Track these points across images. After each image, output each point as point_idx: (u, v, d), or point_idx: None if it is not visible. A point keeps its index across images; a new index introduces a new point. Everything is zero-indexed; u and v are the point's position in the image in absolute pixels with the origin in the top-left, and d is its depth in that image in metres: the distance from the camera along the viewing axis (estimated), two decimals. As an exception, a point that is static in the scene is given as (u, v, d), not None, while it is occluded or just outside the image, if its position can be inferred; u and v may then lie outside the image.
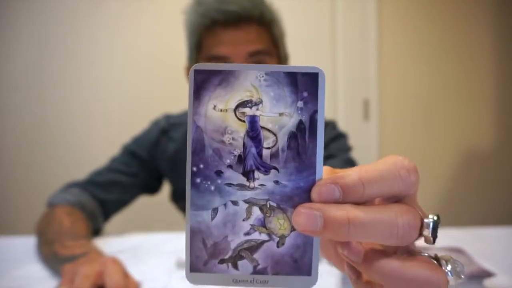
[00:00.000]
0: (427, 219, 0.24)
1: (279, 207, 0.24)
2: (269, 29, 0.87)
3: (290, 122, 0.24)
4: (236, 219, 0.24)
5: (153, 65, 1.79)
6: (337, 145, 0.96)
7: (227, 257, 0.24)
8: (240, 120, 0.24)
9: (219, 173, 0.24)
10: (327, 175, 0.24)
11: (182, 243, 0.71)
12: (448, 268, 0.24)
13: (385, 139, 1.86)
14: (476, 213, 1.86)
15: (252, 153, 0.24)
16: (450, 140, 1.89)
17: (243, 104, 0.24)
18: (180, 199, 1.06)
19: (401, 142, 1.87)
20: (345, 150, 0.96)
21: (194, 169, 0.24)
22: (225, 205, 0.24)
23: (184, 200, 0.24)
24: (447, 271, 0.24)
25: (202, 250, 0.24)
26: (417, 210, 0.24)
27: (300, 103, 0.24)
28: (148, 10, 1.78)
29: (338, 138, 0.98)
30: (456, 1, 1.86)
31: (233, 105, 0.24)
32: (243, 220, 0.24)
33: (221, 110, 0.24)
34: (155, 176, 1.02)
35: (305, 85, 0.24)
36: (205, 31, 0.85)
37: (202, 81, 0.24)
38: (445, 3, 1.86)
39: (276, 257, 0.24)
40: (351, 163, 0.91)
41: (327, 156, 0.90)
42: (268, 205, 0.24)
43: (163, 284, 0.59)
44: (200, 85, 0.24)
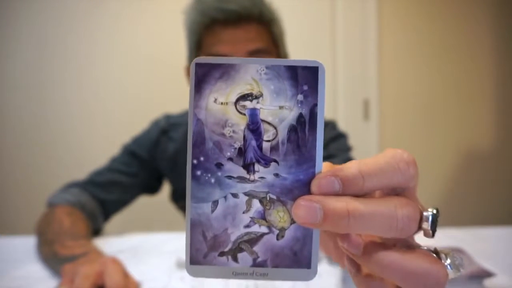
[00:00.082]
0: (426, 212, 0.24)
1: (279, 200, 0.24)
2: (268, 28, 0.87)
3: (290, 115, 0.24)
4: (236, 212, 0.24)
5: (153, 65, 1.79)
6: (337, 145, 0.96)
7: (227, 249, 0.24)
8: (241, 113, 0.24)
9: (219, 165, 0.24)
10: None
11: (182, 243, 0.71)
12: (448, 262, 0.24)
13: (385, 139, 1.86)
14: (476, 213, 1.86)
15: (252, 146, 0.24)
16: (450, 140, 1.89)
17: (243, 97, 0.24)
18: (180, 199, 1.06)
19: (401, 142, 1.87)
20: (345, 150, 0.96)
21: (195, 161, 0.24)
22: (225, 197, 0.24)
23: (184, 200, 0.25)
24: (446, 264, 0.24)
25: (202, 242, 0.24)
26: (417, 203, 0.25)
27: (300, 97, 0.24)
28: (148, 10, 1.78)
29: (338, 138, 0.98)
30: (456, 1, 1.86)
31: (233, 98, 0.24)
32: (243, 213, 0.24)
33: (221, 103, 0.24)
34: (155, 176, 1.02)
35: (305, 78, 0.24)
36: (205, 30, 0.85)
37: (203, 75, 0.24)
38: (445, 3, 1.86)
39: (275, 250, 0.24)
40: (351, 163, 0.91)
41: (327, 156, 0.89)
42: (268, 198, 0.24)
43: (163, 284, 0.59)
44: (201, 79, 0.24)
